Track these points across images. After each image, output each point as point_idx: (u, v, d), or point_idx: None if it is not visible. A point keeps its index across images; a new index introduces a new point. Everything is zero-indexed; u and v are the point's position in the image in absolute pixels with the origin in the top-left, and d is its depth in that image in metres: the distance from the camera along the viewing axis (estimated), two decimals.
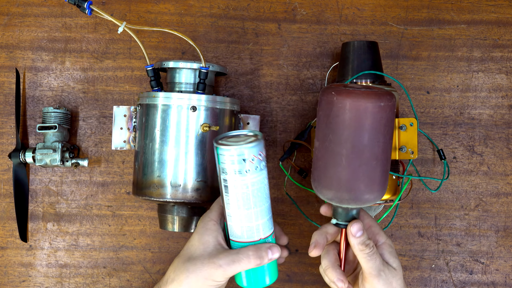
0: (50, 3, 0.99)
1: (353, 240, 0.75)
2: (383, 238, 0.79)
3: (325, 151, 0.73)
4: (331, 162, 0.72)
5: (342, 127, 0.70)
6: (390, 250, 0.78)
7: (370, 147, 0.71)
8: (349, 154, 0.71)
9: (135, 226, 0.98)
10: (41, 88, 0.99)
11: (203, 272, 0.74)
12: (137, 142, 0.89)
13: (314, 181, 0.76)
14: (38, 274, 0.97)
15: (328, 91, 0.72)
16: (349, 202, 0.74)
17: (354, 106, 0.69)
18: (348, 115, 0.70)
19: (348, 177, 0.72)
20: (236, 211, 0.74)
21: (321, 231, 0.78)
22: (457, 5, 1.00)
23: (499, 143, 0.98)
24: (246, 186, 0.72)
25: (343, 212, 0.76)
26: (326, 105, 0.72)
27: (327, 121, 0.72)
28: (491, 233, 0.98)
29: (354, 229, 0.75)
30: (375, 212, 0.91)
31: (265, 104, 0.99)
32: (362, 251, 0.75)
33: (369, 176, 0.72)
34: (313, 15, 0.99)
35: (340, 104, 0.70)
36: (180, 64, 0.89)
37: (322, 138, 0.73)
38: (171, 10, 0.99)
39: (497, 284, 0.98)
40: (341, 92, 0.70)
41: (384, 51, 0.98)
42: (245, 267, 0.75)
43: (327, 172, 0.73)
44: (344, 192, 0.73)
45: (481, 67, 0.99)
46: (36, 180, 0.98)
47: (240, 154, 0.71)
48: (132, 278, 0.97)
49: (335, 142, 0.71)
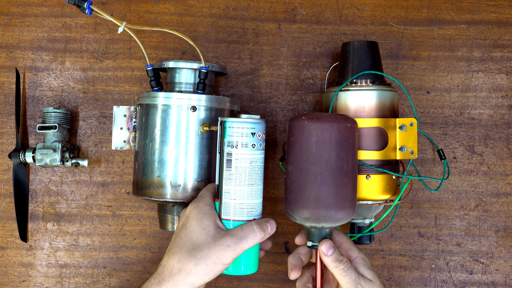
0: (50, 3, 0.99)
1: (326, 259, 0.77)
2: (355, 252, 0.81)
3: (299, 172, 0.78)
4: (306, 181, 0.77)
5: (315, 147, 0.77)
6: (364, 263, 0.80)
7: (341, 165, 0.77)
8: (323, 172, 0.77)
9: (135, 226, 0.98)
10: (41, 88, 0.99)
11: (212, 256, 0.73)
12: (137, 142, 0.89)
13: (289, 203, 0.79)
14: (38, 274, 0.97)
15: (298, 118, 0.79)
16: (325, 219, 0.77)
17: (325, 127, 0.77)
18: (321, 136, 0.77)
19: (323, 193, 0.77)
20: (236, 187, 0.77)
21: (294, 254, 0.82)
22: (457, 5, 1.00)
23: (499, 143, 0.98)
24: (250, 160, 0.77)
25: (317, 233, 0.79)
26: (298, 129, 0.78)
27: (299, 145, 0.78)
28: (491, 233, 0.98)
29: (324, 248, 0.78)
30: (375, 212, 0.91)
31: (265, 104, 0.99)
32: (337, 268, 0.77)
33: (341, 193, 0.77)
34: (313, 15, 0.99)
35: (312, 126, 0.77)
36: (180, 64, 0.89)
37: (295, 161, 0.78)
38: (171, 10, 0.99)
39: (497, 284, 0.98)
40: (312, 117, 0.78)
41: (384, 51, 0.98)
42: (251, 243, 0.75)
43: (303, 191, 0.77)
44: (321, 209, 0.77)
45: (481, 67, 0.99)
46: (36, 180, 0.98)
47: (251, 128, 0.77)
48: (132, 278, 0.97)
49: (309, 161, 0.77)
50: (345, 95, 0.88)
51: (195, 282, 0.74)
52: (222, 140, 0.78)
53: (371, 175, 0.87)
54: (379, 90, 0.88)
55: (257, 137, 0.77)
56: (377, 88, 0.88)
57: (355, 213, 0.83)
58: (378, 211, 0.92)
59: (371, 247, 0.97)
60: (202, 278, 0.74)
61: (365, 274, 0.79)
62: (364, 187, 0.87)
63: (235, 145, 0.76)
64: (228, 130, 0.77)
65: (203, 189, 0.82)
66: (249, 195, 0.77)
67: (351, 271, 0.77)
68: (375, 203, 0.89)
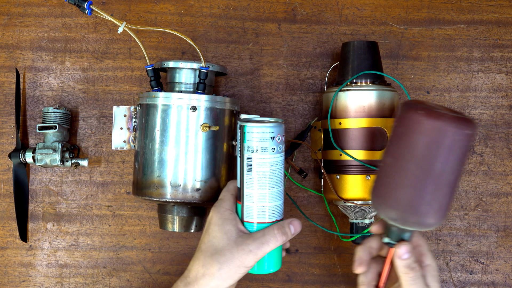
0: (50, 3, 0.99)
1: (399, 262, 0.74)
2: (428, 259, 0.77)
3: (399, 170, 0.70)
4: (404, 182, 0.70)
5: (426, 149, 0.67)
6: (434, 273, 0.77)
7: (448, 173, 0.68)
8: (426, 178, 0.68)
9: (135, 226, 0.98)
10: (41, 88, 0.99)
11: (235, 261, 0.74)
12: (137, 142, 0.89)
13: (378, 197, 0.73)
14: (38, 274, 0.97)
15: (415, 109, 0.68)
16: (413, 225, 0.71)
17: (443, 130, 0.67)
18: (436, 138, 0.67)
19: (419, 200, 0.69)
20: (258, 191, 0.76)
21: (364, 247, 0.78)
22: (457, 5, 1.00)
23: (499, 143, 0.98)
24: (270, 164, 0.76)
25: (397, 232, 0.74)
26: (412, 123, 0.68)
27: (408, 140, 0.68)
28: (491, 233, 0.98)
29: (402, 250, 0.74)
30: (375, 212, 0.91)
31: (265, 104, 0.99)
32: (406, 274, 0.74)
33: (439, 202, 0.70)
34: (313, 15, 0.99)
35: (428, 126, 0.67)
36: (180, 64, 0.89)
37: (398, 155, 0.70)
38: (171, 10, 0.99)
39: (497, 284, 0.98)
40: (431, 114, 0.67)
41: (384, 51, 0.98)
42: (273, 246, 0.75)
43: (397, 192, 0.70)
44: (411, 215, 0.70)
45: (481, 67, 0.99)
46: (36, 180, 0.98)
47: (270, 132, 0.75)
48: (132, 278, 0.97)
49: (414, 162, 0.68)
50: (345, 95, 0.88)
51: (219, 286, 0.75)
52: (242, 145, 0.77)
53: (371, 175, 0.87)
54: (379, 90, 0.88)
55: (277, 140, 0.76)
56: (377, 88, 0.88)
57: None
58: None
59: None
60: (226, 282, 0.75)
61: (431, 286, 0.76)
62: (364, 187, 0.87)
63: (255, 150, 0.76)
64: (247, 135, 0.76)
65: (223, 190, 0.81)
66: (271, 198, 0.77)
67: (420, 281, 0.74)
68: None
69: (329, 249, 0.98)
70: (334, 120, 0.89)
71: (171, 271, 0.97)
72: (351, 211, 0.90)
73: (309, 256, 0.97)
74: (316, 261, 0.98)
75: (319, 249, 0.98)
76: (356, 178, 0.87)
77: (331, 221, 0.97)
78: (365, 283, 0.78)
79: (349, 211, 0.91)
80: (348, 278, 0.97)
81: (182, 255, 0.97)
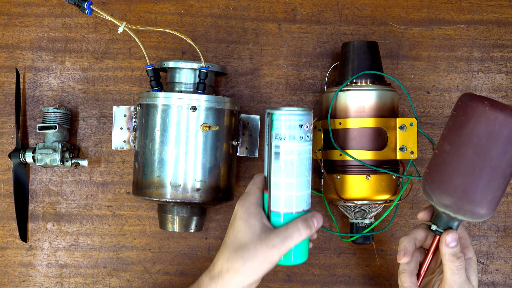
0: (50, 3, 0.99)
1: (446, 250, 0.75)
2: (470, 253, 0.79)
3: (458, 157, 0.72)
4: (462, 169, 0.72)
5: (487, 139, 0.70)
6: (475, 267, 0.78)
7: (504, 165, 0.71)
8: (484, 167, 0.71)
9: (135, 226, 0.98)
10: (41, 88, 0.99)
11: (259, 256, 0.73)
12: (137, 142, 0.89)
13: (432, 183, 0.75)
14: (38, 274, 0.97)
15: (478, 100, 0.71)
16: (465, 213, 0.73)
17: (505, 121, 0.70)
18: (497, 129, 0.70)
19: (476, 189, 0.72)
20: (285, 179, 0.75)
21: (410, 237, 0.78)
22: (457, 5, 1.00)
23: None
24: (298, 152, 0.75)
25: (446, 220, 0.76)
26: (474, 112, 0.71)
27: (469, 129, 0.71)
28: (491, 233, 0.98)
29: (449, 238, 0.75)
30: (375, 212, 0.91)
31: (265, 104, 0.99)
32: (452, 263, 0.75)
33: (493, 193, 0.72)
34: (313, 15, 0.99)
35: (492, 116, 0.70)
36: (180, 64, 0.89)
37: (457, 143, 0.72)
38: (171, 10, 0.99)
39: (497, 284, 0.97)
40: (495, 105, 0.71)
41: (384, 51, 0.98)
42: (297, 241, 0.74)
43: (454, 178, 0.72)
44: (466, 203, 0.72)
45: (481, 67, 0.99)
46: (36, 180, 0.98)
47: (298, 120, 0.75)
48: (132, 278, 0.97)
49: (474, 150, 0.71)
50: (345, 95, 0.88)
51: (244, 281, 0.74)
52: (270, 133, 0.76)
53: (371, 175, 0.87)
54: (379, 90, 0.88)
55: (305, 128, 0.75)
56: (377, 88, 0.88)
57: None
58: (378, 211, 0.92)
59: (371, 247, 0.97)
60: (251, 277, 0.74)
61: (472, 280, 0.77)
62: (364, 187, 0.87)
63: (283, 137, 0.75)
64: (275, 123, 0.75)
65: (250, 183, 0.80)
66: (298, 187, 0.76)
67: (463, 271, 0.75)
68: (375, 203, 0.89)
69: (329, 249, 0.98)
70: (334, 120, 0.89)
71: (171, 271, 0.97)
72: (351, 211, 0.91)
73: (309, 256, 0.97)
74: (316, 261, 0.98)
75: (319, 249, 0.98)
76: (356, 178, 0.87)
77: (331, 221, 0.97)
78: (407, 271, 0.78)
79: (349, 211, 0.91)
80: (348, 278, 0.97)
81: (182, 255, 0.97)
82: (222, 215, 0.97)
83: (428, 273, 0.81)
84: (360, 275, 0.97)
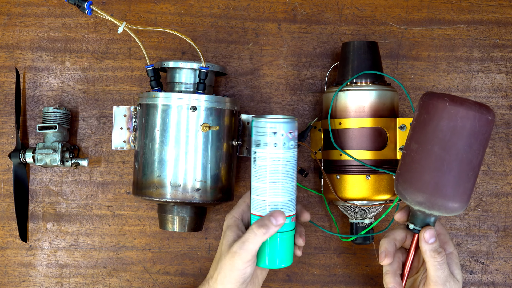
0: (50, 3, 0.99)
1: (426, 246, 0.76)
2: (451, 247, 0.79)
3: (425, 154, 0.74)
4: (430, 165, 0.73)
5: (451, 133, 0.72)
6: (456, 261, 0.79)
7: (472, 157, 0.73)
8: (452, 161, 0.73)
9: (135, 226, 0.98)
10: (41, 88, 0.99)
11: (227, 265, 0.75)
12: (137, 142, 0.89)
13: (404, 182, 0.76)
14: (38, 274, 0.97)
15: (439, 97, 0.73)
16: (439, 208, 0.74)
17: (466, 115, 0.72)
18: (460, 123, 0.72)
19: (446, 183, 0.73)
20: (259, 184, 0.77)
21: (389, 239, 0.79)
22: (457, 5, 1.00)
23: (499, 143, 0.98)
24: (272, 159, 0.77)
25: (422, 218, 0.77)
26: (436, 109, 0.73)
27: (433, 126, 0.73)
28: (491, 233, 0.98)
29: (427, 235, 0.76)
30: (375, 212, 0.91)
31: (265, 104, 0.99)
32: (434, 258, 0.75)
33: (464, 186, 0.74)
34: (313, 15, 0.99)
35: (453, 111, 0.72)
36: (180, 64, 0.89)
37: (423, 141, 0.74)
38: (171, 10, 0.99)
39: (497, 284, 0.98)
40: (456, 100, 0.73)
41: (384, 51, 0.98)
42: (255, 242, 0.74)
43: (424, 175, 0.74)
44: (438, 198, 0.73)
45: (481, 67, 0.99)
46: (36, 180, 0.98)
47: (272, 127, 0.76)
48: (132, 278, 0.97)
49: (440, 146, 0.73)
50: (345, 95, 0.88)
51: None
52: (250, 139, 0.80)
53: (371, 175, 0.87)
54: (379, 90, 0.88)
55: (280, 136, 0.76)
56: (377, 88, 0.88)
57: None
58: (378, 211, 0.92)
59: (371, 247, 0.97)
60: (227, 286, 0.76)
61: (455, 274, 0.78)
62: (364, 187, 0.87)
63: (258, 144, 0.77)
64: (253, 129, 0.78)
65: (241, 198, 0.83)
66: (272, 193, 0.77)
67: (446, 266, 0.76)
68: (375, 203, 0.89)
69: (329, 249, 0.98)
70: (334, 120, 0.89)
71: (171, 271, 0.97)
72: (351, 211, 0.91)
73: (309, 256, 0.98)
74: (316, 261, 0.98)
75: (319, 249, 0.98)
76: (356, 178, 0.87)
77: (331, 221, 0.97)
78: (391, 272, 0.79)
79: (349, 211, 0.91)
80: (348, 278, 0.97)
81: (182, 255, 0.97)
82: (222, 215, 0.98)
83: (413, 272, 0.82)
84: (360, 275, 0.97)
